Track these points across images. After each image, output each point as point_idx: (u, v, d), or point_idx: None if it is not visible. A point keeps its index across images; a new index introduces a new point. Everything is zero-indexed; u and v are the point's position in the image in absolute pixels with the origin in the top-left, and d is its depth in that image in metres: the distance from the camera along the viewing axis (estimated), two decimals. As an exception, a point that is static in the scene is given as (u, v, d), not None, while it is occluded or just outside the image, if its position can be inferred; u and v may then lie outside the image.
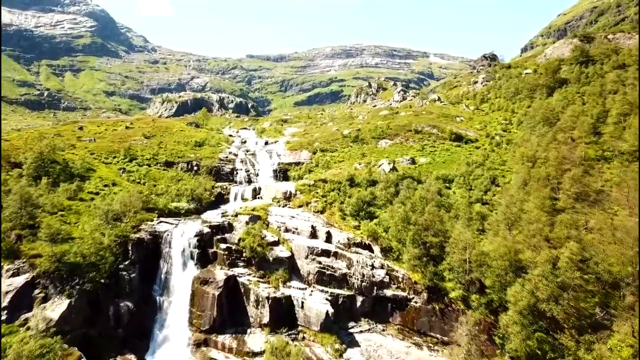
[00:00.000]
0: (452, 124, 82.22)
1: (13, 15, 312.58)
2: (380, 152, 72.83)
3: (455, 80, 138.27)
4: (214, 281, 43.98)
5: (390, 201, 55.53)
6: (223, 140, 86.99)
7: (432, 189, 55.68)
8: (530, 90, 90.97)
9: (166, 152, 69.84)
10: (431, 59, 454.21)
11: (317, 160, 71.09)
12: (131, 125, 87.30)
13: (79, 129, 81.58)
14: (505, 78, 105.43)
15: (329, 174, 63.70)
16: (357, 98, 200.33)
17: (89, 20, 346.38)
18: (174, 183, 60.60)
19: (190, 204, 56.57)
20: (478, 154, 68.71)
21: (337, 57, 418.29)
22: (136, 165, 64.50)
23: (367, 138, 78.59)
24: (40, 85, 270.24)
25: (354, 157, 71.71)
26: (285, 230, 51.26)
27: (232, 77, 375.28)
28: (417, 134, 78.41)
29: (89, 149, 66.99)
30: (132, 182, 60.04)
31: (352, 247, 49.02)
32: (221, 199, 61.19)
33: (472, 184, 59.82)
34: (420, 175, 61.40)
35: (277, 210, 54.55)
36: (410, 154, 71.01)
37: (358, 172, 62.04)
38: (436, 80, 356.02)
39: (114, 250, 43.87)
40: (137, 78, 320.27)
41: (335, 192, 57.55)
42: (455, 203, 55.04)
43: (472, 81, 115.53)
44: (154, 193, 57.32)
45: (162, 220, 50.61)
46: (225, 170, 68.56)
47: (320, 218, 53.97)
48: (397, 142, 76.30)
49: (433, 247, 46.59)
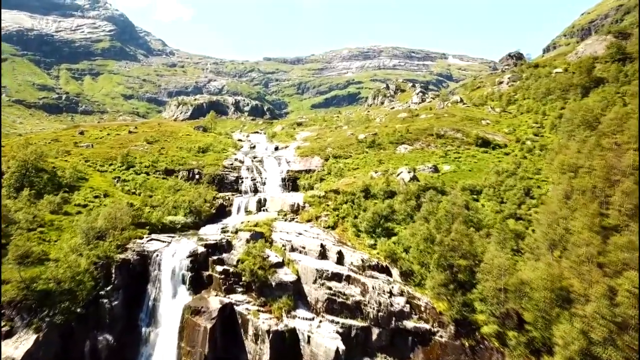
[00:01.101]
0: (478, 128, 74.78)
1: (34, 21, 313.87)
2: (399, 158, 65.92)
3: (478, 80, 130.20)
4: (207, 311, 37.68)
5: (411, 216, 48.66)
6: (231, 146, 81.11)
7: (459, 202, 48.56)
8: (562, 90, 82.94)
9: (167, 159, 64.12)
10: (450, 61, 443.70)
11: (330, 168, 64.50)
12: (135, 129, 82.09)
13: (79, 133, 76.61)
14: (533, 78, 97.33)
15: (342, 183, 57.10)
16: (375, 100, 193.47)
17: (108, 25, 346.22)
18: (172, 194, 54.68)
19: (187, 217, 50.56)
20: (508, 161, 61.26)
21: (354, 59, 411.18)
22: (133, 174, 58.85)
23: (385, 143, 71.73)
24: (60, 89, 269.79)
25: (369, 164, 64.96)
26: (291, 249, 44.75)
27: (249, 80, 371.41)
28: (439, 138, 71.23)
29: (85, 156, 61.66)
30: (127, 193, 54.33)
31: (367, 270, 42.30)
32: (223, 211, 55.04)
33: (503, 196, 52.51)
34: (444, 186, 54.34)
35: (282, 225, 48.08)
36: (432, 160, 63.96)
37: (374, 182, 55.27)
38: (455, 82, 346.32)
39: (94, 274, 37.96)
40: (154, 81, 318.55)
41: (348, 205, 50.89)
42: (485, 219, 47.86)
43: (496, 81, 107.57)
44: (149, 205, 51.49)
45: (154, 237, 44.53)
46: (230, 179, 62.43)
47: (331, 235, 47.34)
48: (417, 148, 69.28)
49: (461, 272, 39.59)
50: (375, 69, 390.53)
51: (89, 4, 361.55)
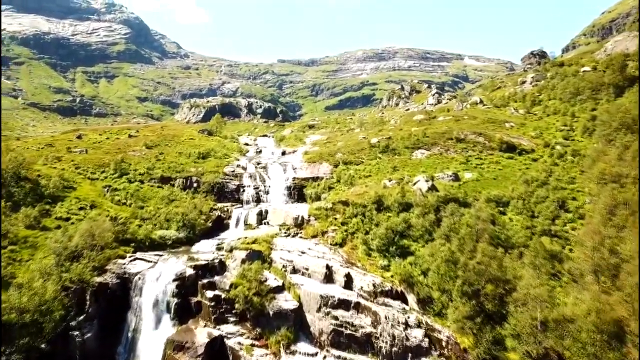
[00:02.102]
0: (501, 131, 68.15)
1: (51, 24, 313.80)
2: (416, 165, 59.73)
3: (499, 80, 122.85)
4: (192, 346, 32.12)
5: (430, 232, 42.54)
6: (235, 150, 75.74)
7: (484, 216, 42.38)
8: (593, 90, 75.82)
9: (163, 166, 58.93)
10: (466, 61, 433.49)
11: (339, 175, 58.55)
12: (137, 133, 77.43)
13: (77, 137, 72.14)
14: (559, 77, 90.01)
15: (352, 193, 51.18)
16: (389, 101, 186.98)
17: (123, 28, 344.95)
18: (165, 204, 49.38)
19: (180, 231, 45.16)
20: (537, 168, 54.70)
21: (368, 60, 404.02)
22: (125, 182, 53.77)
23: (400, 148, 65.52)
24: (76, 92, 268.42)
25: (383, 171, 58.87)
26: (292, 270, 39.00)
27: (264, 82, 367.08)
28: (459, 142, 64.80)
29: (76, 162, 56.85)
30: (117, 203, 49.16)
31: (379, 297, 36.41)
32: (220, 224, 49.50)
33: (534, 209, 46.03)
34: (467, 197, 48.06)
35: (284, 242, 42.32)
36: (452, 167, 57.70)
37: (388, 192, 49.25)
38: (471, 83, 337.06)
39: (64, 302, 32.65)
40: (169, 84, 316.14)
41: (358, 219, 44.96)
42: (514, 236, 41.52)
43: (519, 81, 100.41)
44: (139, 217, 46.31)
45: (138, 256, 39.17)
46: (230, 188, 56.91)
47: (338, 254, 41.44)
48: (435, 153, 62.97)
49: (489, 301, 33.48)
50: (389, 70, 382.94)
51: (105, 8, 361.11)
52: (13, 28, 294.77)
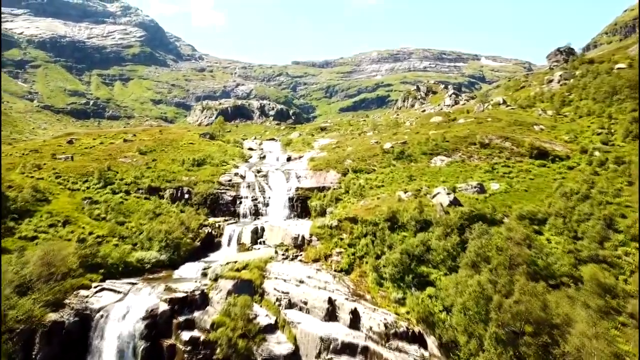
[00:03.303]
0: (531, 135, 60.37)
1: (67, 28, 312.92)
2: (434, 173, 52.38)
3: (523, 79, 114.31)
4: (158, 407, 25.66)
5: (453, 257, 35.35)
6: (237, 156, 69.24)
7: (517, 237, 34.98)
8: (631, 88, 67.49)
9: (153, 174, 52.54)
10: (482, 62, 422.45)
11: (348, 185, 51.49)
12: (133, 137, 71.54)
13: (68, 142, 66.48)
14: (590, 75, 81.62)
15: (362, 207, 44.14)
16: (405, 103, 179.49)
17: (138, 30, 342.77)
18: (149, 220, 42.99)
19: (162, 253, 38.66)
20: (575, 178, 46.97)
21: (383, 61, 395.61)
22: (109, 193, 47.58)
23: (416, 154, 58.16)
24: (91, 95, 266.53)
25: (397, 180, 51.59)
26: (288, 305, 32.18)
27: (278, 84, 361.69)
28: (483, 148, 57.27)
29: (58, 171, 50.93)
30: (95, 219, 42.91)
31: (392, 340, 29.39)
32: (210, 243, 42.84)
33: (576, 229, 38.44)
34: (495, 213, 40.70)
35: (279, 268, 35.46)
36: (476, 177, 50.31)
37: (403, 206, 42.12)
38: (488, 84, 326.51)
39: (6, 348, 26.54)
40: (183, 86, 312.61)
41: (368, 239, 37.92)
42: (556, 263, 34.13)
43: (545, 80, 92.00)
44: (117, 235, 40.02)
45: (107, 286, 32.70)
46: (225, 199, 50.34)
47: (343, 283, 34.47)
48: (456, 160, 55.53)
49: (531, 351, 26.38)
50: (405, 71, 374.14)
51: (121, 11, 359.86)
52: (30, 32, 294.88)
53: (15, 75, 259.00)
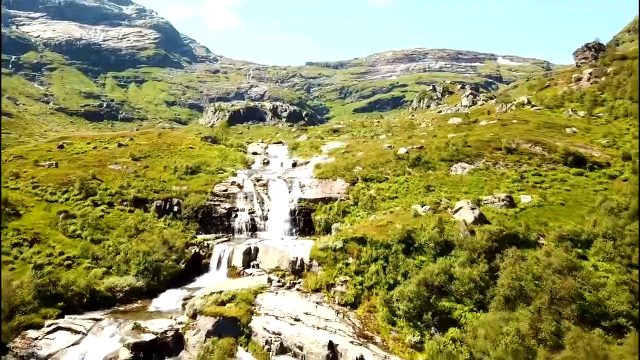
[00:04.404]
0: (563, 138, 53.36)
1: (83, 30, 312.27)
2: (455, 183, 45.78)
3: (548, 77, 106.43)
4: None
5: (481, 288, 28.93)
6: (239, 161, 63.48)
7: (557, 263, 28.54)
8: (675, 86, 60.01)
9: (141, 184, 46.89)
10: (499, 61, 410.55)
11: (357, 196, 45.23)
12: (129, 141, 66.32)
13: (58, 147, 61.52)
14: (625, 72, 73.89)
15: (372, 223, 37.86)
16: (420, 103, 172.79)
17: (153, 33, 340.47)
18: (128, 238, 37.44)
19: (139, 278, 33.04)
20: (623, 190, 39.93)
21: (398, 61, 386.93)
22: (89, 205, 42.16)
23: (434, 160, 51.56)
24: (106, 97, 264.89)
25: (413, 191, 45.10)
26: (279, 349, 26.10)
27: (291, 85, 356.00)
28: (510, 153, 50.45)
29: (36, 180, 45.79)
30: (70, 236, 37.51)
31: (406, 400, 23.27)
32: (197, 265, 37.10)
33: (629, 253, 31.59)
34: (529, 233, 34.07)
35: (272, 302, 29.37)
36: (503, 187, 43.62)
37: (420, 223, 35.80)
38: (505, 84, 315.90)
39: None
40: (197, 88, 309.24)
41: (378, 265, 31.69)
42: (609, 299, 27.45)
43: (573, 78, 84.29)
44: (90, 256, 34.59)
45: (63, 324, 26.94)
46: (219, 212, 44.59)
47: (348, 320, 28.25)
48: (480, 167, 48.86)
49: None
50: (420, 71, 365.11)
51: (136, 14, 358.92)
52: (47, 35, 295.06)
53: (32, 78, 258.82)
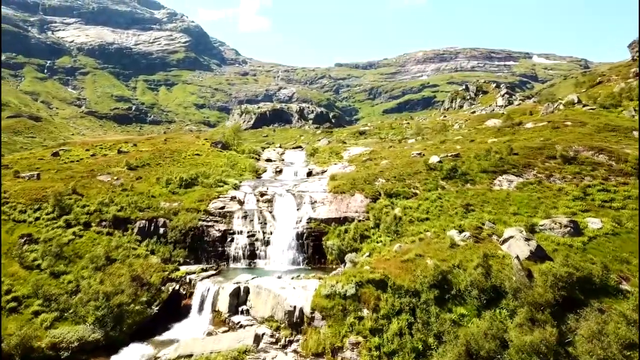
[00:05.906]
0: (631, 144, 43.26)
1: (115, 35, 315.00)
2: (501, 201, 36.53)
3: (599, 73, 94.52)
4: None
5: (545, 356, 20.17)
6: (249, 170, 55.93)
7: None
8: None
9: (125, 200, 39.57)
10: (534, 60, 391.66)
11: (378, 216, 36.57)
12: (133, 146, 60.00)
13: (53, 155, 55.71)
14: (697, 65, 62.46)
15: (395, 255, 29.27)
16: (452, 104, 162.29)
17: (183, 36, 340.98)
18: (94, 271, 30.24)
19: (96, 327, 25.60)
20: None
21: (429, 61, 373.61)
22: (61, 226, 35.31)
23: (473, 171, 42.34)
24: (136, 100, 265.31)
25: (447, 211, 36.13)
26: None
27: (320, 87, 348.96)
28: (567, 163, 40.78)
29: (8, 195, 39.40)
30: (27, 267, 30.64)
31: None
32: (176, 307, 29.42)
33: None
34: (607, 275, 24.81)
35: (255, 374, 21.54)
36: (562, 207, 34.17)
37: (458, 257, 27.05)
38: (541, 83, 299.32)
39: None
40: (226, 90, 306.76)
41: (403, 321, 23.14)
42: None
43: (631, 73, 72.98)
44: (41, 295, 27.54)
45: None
46: (212, 235, 36.96)
47: (358, 408, 20.02)
48: (530, 180, 39.38)
49: None
50: (451, 71, 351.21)
51: (167, 17, 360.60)
52: (81, 40, 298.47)
53: (65, 82, 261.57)
